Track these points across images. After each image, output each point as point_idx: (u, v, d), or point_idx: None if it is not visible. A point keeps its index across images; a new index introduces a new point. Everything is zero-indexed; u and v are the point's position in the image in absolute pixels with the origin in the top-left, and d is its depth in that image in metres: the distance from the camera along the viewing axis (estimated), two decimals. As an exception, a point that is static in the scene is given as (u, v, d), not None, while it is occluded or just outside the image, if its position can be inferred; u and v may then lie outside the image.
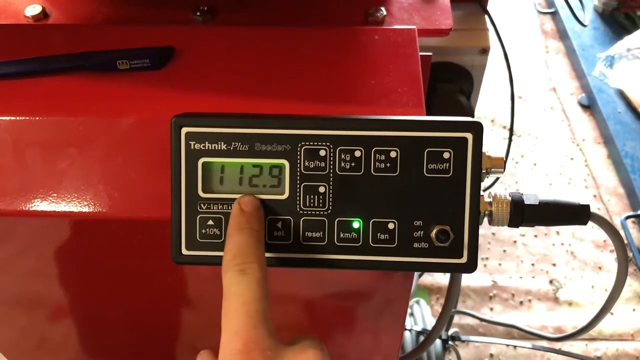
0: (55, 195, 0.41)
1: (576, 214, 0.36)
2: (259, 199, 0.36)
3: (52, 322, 0.57)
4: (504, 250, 1.37)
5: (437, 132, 0.35)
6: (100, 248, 0.46)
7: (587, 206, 0.36)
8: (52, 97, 0.44)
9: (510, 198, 0.36)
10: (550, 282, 1.33)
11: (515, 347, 1.15)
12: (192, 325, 0.57)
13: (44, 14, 0.54)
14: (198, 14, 0.53)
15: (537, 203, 0.36)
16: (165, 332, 0.59)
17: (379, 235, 0.36)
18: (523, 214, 0.36)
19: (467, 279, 1.32)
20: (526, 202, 0.36)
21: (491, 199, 0.36)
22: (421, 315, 0.90)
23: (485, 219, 0.37)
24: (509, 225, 0.36)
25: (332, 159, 0.36)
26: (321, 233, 0.36)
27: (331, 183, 0.36)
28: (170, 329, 0.58)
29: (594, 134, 1.62)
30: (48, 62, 0.44)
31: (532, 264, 1.35)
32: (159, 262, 0.47)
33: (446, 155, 0.35)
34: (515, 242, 1.39)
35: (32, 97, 0.44)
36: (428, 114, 0.68)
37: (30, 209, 0.41)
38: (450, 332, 0.87)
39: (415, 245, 0.36)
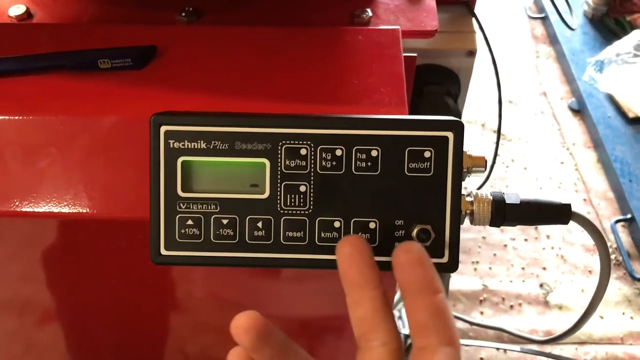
0: (35, 195, 0.41)
1: (558, 213, 0.36)
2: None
3: (35, 326, 0.56)
4: (494, 254, 1.37)
5: (417, 131, 0.35)
6: (81, 249, 0.46)
7: (569, 205, 0.36)
8: (32, 96, 0.43)
9: (491, 197, 0.36)
10: (541, 285, 1.33)
11: (505, 350, 1.15)
12: (179, 328, 0.56)
13: (27, 14, 0.54)
14: (184, 14, 0.53)
15: (519, 202, 0.36)
16: (152, 334, 0.58)
17: (360, 234, 0.36)
18: (504, 213, 0.36)
19: (457, 283, 1.31)
20: (507, 202, 0.36)
21: (472, 199, 0.36)
22: (409, 318, 0.90)
23: (467, 219, 0.36)
24: (490, 225, 0.36)
25: (313, 158, 0.35)
26: (302, 233, 0.36)
27: (312, 182, 0.36)
28: (157, 331, 0.57)
29: (583, 138, 1.63)
30: (29, 61, 0.44)
31: (523, 268, 1.35)
32: (142, 263, 0.46)
33: (427, 154, 0.35)
34: (505, 246, 1.39)
35: (13, 96, 0.43)
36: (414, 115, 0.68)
37: (10, 210, 0.41)
38: (439, 335, 0.86)
39: (396, 244, 0.35)
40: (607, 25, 1.83)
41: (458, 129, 0.35)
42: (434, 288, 0.30)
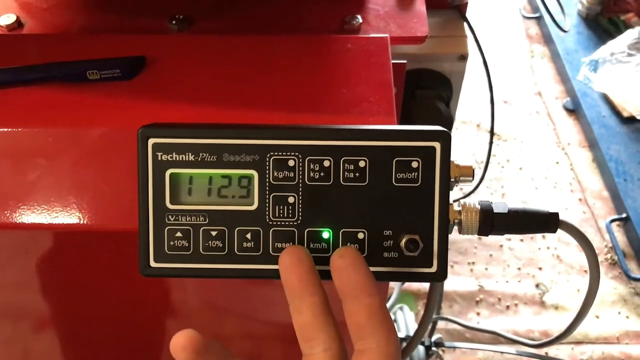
0: (24, 207, 0.41)
1: (545, 222, 0.36)
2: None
3: (29, 336, 0.56)
4: (490, 255, 1.38)
5: (405, 142, 0.35)
6: (72, 259, 0.46)
7: (556, 214, 0.36)
8: (21, 107, 0.43)
9: (479, 207, 0.36)
10: (537, 286, 1.33)
11: (502, 352, 1.15)
12: (173, 335, 0.56)
13: (18, 24, 0.54)
14: (174, 22, 0.53)
15: (507, 211, 0.36)
16: (145, 342, 0.58)
17: (348, 245, 0.36)
18: (492, 222, 0.36)
19: (453, 284, 1.32)
20: (495, 211, 0.36)
21: (460, 208, 0.36)
22: (404, 321, 0.90)
23: (455, 228, 0.36)
24: (478, 234, 0.36)
25: (301, 169, 0.35)
26: (291, 244, 0.36)
27: (300, 193, 0.36)
28: (150, 339, 0.57)
29: (578, 138, 1.63)
30: (18, 72, 0.44)
31: (519, 268, 1.36)
32: (133, 274, 0.46)
33: (414, 164, 0.35)
34: (501, 246, 1.39)
35: (1, 108, 0.43)
36: (407, 121, 0.69)
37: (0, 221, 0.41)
38: (434, 338, 0.87)
39: (385, 254, 0.36)
40: (601, 25, 1.84)
41: (445, 139, 0.35)
42: (369, 291, 0.31)
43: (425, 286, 1.30)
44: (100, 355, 0.60)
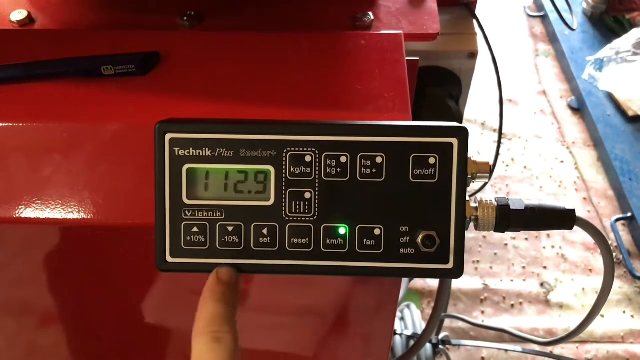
0: (39, 202, 0.41)
1: (562, 219, 0.36)
2: (236, 272, 0.36)
3: (38, 331, 0.56)
4: (495, 253, 1.37)
5: (422, 138, 0.35)
6: (86, 255, 0.46)
7: (573, 211, 0.36)
8: (36, 103, 0.43)
9: (496, 203, 0.36)
10: (541, 285, 1.33)
11: (506, 350, 1.15)
12: (182, 332, 0.56)
13: (29, 19, 0.54)
14: (185, 19, 0.53)
15: (523, 208, 0.36)
16: (155, 339, 0.58)
17: (365, 241, 0.36)
18: (509, 219, 0.36)
19: (458, 282, 1.32)
20: (512, 207, 0.36)
21: (477, 204, 0.36)
22: (411, 319, 0.90)
23: (472, 225, 0.36)
24: (495, 231, 0.36)
25: (317, 164, 0.35)
26: (307, 239, 0.36)
27: (317, 189, 0.36)
28: (160, 336, 0.57)
29: (583, 137, 1.63)
30: (32, 68, 0.44)
31: (523, 267, 1.35)
32: (146, 269, 0.46)
33: (432, 160, 0.35)
34: (506, 245, 1.39)
35: (16, 103, 0.43)
36: (417, 118, 0.69)
37: (13, 216, 0.41)
38: (441, 336, 0.87)
39: (402, 251, 0.36)
40: (606, 24, 1.84)
41: (463, 135, 0.35)
42: None
43: (430, 284, 1.30)
44: (110, 352, 0.60)
